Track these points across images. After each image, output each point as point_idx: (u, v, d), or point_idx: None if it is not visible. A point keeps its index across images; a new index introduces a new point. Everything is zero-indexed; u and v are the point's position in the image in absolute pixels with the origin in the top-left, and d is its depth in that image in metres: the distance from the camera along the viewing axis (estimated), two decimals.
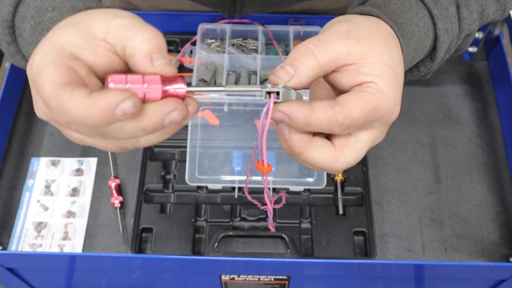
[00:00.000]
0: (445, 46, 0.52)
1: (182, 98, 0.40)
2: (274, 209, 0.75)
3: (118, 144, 0.43)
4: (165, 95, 0.39)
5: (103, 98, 0.36)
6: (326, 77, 0.46)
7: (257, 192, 0.77)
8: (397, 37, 0.48)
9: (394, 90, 0.45)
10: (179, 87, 0.40)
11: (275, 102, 0.41)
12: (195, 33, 0.84)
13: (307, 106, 0.41)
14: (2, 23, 0.46)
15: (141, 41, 0.39)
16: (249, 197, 0.52)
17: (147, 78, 0.38)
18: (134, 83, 0.38)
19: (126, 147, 0.43)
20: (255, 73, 0.82)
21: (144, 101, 0.39)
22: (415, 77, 0.56)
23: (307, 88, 0.45)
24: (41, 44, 0.40)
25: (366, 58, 0.44)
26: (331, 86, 0.47)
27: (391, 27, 0.48)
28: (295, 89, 0.43)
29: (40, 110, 0.42)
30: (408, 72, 0.56)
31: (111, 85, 0.38)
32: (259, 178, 0.75)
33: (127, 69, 0.42)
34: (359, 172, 0.78)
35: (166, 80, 0.39)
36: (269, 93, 0.41)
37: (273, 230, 0.52)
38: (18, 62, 0.49)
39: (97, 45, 0.41)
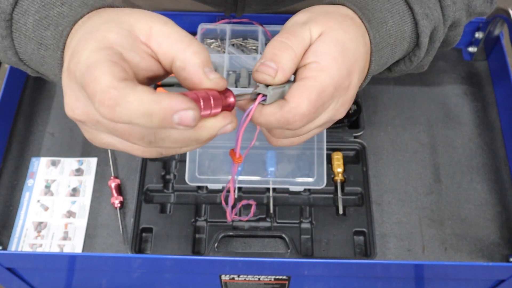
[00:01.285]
0: (427, 30, 0.52)
1: (231, 109, 0.42)
2: (274, 209, 0.75)
3: (158, 150, 0.43)
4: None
5: (169, 99, 0.35)
6: None
7: (257, 192, 0.77)
8: (361, 20, 0.49)
9: (340, 64, 0.45)
10: (232, 102, 0.42)
11: (259, 103, 0.44)
12: (195, 33, 0.84)
13: (259, 109, 0.44)
14: (0, 14, 0.45)
15: (192, 55, 0.40)
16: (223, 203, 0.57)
17: (211, 93, 0.40)
18: (203, 98, 0.39)
19: (167, 153, 0.43)
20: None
21: (208, 115, 0.40)
22: (410, 69, 0.57)
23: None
24: (83, 39, 0.40)
25: (321, 35, 0.46)
26: None
27: (354, 11, 0.49)
28: (280, 84, 0.45)
29: (77, 107, 0.40)
30: (401, 63, 0.56)
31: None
32: (258, 178, 0.75)
33: (164, 74, 0.43)
34: (359, 172, 0.78)
35: (220, 93, 0.41)
36: (258, 94, 0.44)
37: (229, 220, 0.56)
38: (9, 58, 0.48)
39: (140, 48, 0.41)
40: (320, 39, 0.46)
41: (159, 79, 0.44)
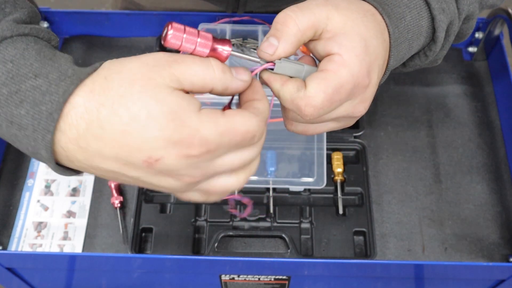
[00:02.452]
0: (444, 25, 0.52)
1: (224, 59, 0.43)
2: (274, 209, 0.75)
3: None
4: (212, 54, 0.42)
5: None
6: (307, 45, 0.48)
7: (257, 192, 0.77)
8: (381, 16, 0.48)
9: (361, 61, 0.45)
10: (225, 49, 0.43)
11: (266, 69, 0.46)
12: None
13: (282, 80, 0.45)
14: None
15: (222, 73, 0.42)
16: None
17: (202, 33, 0.42)
18: (190, 34, 0.41)
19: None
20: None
21: (192, 52, 0.42)
22: (425, 63, 0.57)
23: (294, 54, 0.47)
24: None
25: (342, 27, 0.45)
26: (313, 55, 0.48)
27: (374, 6, 0.49)
28: (281, 58, 0.45)
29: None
30: (416, 58, 0.56)
31: (170, 31, 0.40)
32: (259, 178, 0.75)
33: None
34: (359, 172, 0.78)
35: (216, 40, 0.43)
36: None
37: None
38: None
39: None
40: (345, 31, 0.45)
41: None
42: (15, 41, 0.40)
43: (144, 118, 0.37)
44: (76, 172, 0.42)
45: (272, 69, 0.46)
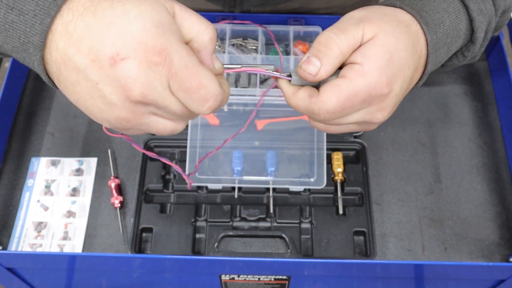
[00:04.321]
0: (483, 26, 0.52)
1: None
2: (274, 209, 0.75)
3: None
4: None
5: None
6: None
7: (257, 192, 0.77)
8: (419, 24, 0.49)
9: (381, 73, 0.46)
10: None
11: (282, 78, 0.48)
12: None
13: (293, 89, 0.47)
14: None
15: (208, 40, 0.42)
16: None
17: None
18: None
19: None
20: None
21: None
22: (462, 62, 0.57)
23: None
24: (150, 31, 0.39)
25: (371, 39, 0.46)
26: None
27: (412, 14, 0.49)
28: (321, 80, 0.47)
29: (151, 92, 0.40)
30: (454, 58, 0.56)
31: None
32: (259, 178, 0.75)
33: None
34: (359, 172, 0.78)
35: None
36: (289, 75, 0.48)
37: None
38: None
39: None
40: (371, 42, 0.46)
41: None
42: None
43: (133, 16, 0.39)
44: (51, 82, 0.43)
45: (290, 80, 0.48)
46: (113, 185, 0.77)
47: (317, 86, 0.48)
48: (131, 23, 0.39)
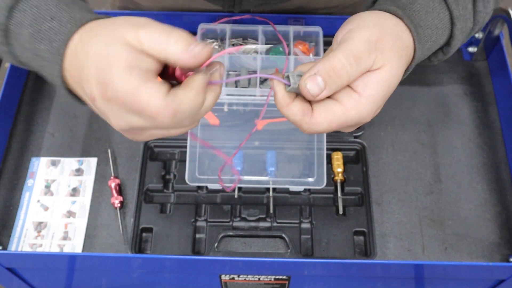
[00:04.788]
0: (459, 43, 0.54)
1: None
2: (274, 209, 0.75)
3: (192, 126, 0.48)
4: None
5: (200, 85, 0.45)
6: None
7: (257, 192, 0.77)
8: (414, 43, 0.50)
9: (373, 106, 0.48)
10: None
11: (281, 81, 0.48)
12: (195, 33, 0.84)
13: (288, 100, 0.48)
14: None
15: (175, 45, 0.44)
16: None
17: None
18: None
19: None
20: (255, 72, 0.82)
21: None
22: (424, 63, 0.58)
23: None
24: (102, 66, 0.43)
25: (379, 69, 0.47)
26: None
27: (411, 31, 0.50)
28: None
29: (129, 122, 0.45)
30: (426, 60, 0.58)
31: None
32: (259, 178, 0.75)
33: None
34: (359, 172, 0.78)
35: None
36: (288, 77, 0.48)
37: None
38: (10, 60, 0.52)
39: (143, 56, 0.44)
40: (377, 74, 0.47)
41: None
42: None
43: (92, 56, 0.44)
44: (80, 101, 0.50)
45: (288, 85, 0.48)
46: (113, 185, 0.77)
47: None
48: (89, 66, 0.44)
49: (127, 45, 0.43)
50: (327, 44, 0.57)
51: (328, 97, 0.48)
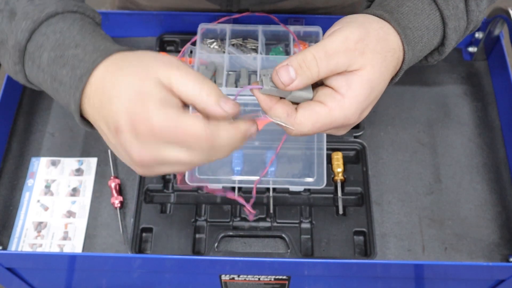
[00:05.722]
0: (453, 42, 0.54)
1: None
2: (274, 209, 0.75)
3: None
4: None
5: (244, 125, 0.48)
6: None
7: (257, 192, 0.77)
8: (402, 45, 0.50)
9: (357, 107, 0.48)
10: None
11: (254, 88, 0.49)
12: (195, 33, 0.84)
13: (270, 103, 0.49)
14: (15, 45, 0.49)
15: (206, 97, 0.45)
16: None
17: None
18: None
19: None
20: (255, 73, 0.82)
21: None
22: (422, 64, 0.58)
23: None
24: (136, 103, 0.44)
25: (359, 70, 0.48)
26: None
27: (398, 34, 0.50)
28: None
29: (151, 155, 0.45)
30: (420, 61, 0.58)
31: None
32: (258, 178, 0.75)
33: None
34: (359, 172, 0.78)
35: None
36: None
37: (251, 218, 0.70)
38: (19, 79, 0.53)
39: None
40: (358, 74, 0.48)
41: None
42: (65, 17, 0.50)
43: (123, 90, 0.44)
44: (90, 126, 0.51)
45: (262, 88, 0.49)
46: (113, 185, 0.77)
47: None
48: (121, 100, 0.44)
49: (160, 83, 0.45)
50: None
51: (312, 100, 0.49)
